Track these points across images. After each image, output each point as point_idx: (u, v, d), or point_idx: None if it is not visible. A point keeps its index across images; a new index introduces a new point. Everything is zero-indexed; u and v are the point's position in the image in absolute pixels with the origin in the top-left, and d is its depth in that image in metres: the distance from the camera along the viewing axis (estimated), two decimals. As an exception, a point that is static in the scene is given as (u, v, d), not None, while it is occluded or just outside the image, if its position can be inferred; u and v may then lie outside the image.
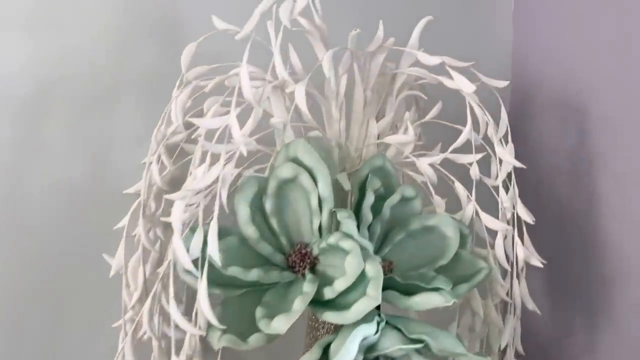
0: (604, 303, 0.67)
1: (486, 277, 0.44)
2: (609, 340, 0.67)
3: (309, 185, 0.40)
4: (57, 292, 0.50)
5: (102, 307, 0.49)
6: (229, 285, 0.39)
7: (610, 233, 0.65)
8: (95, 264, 0.47)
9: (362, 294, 0.36)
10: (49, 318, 0.50)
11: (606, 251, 0.66)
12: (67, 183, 0.50)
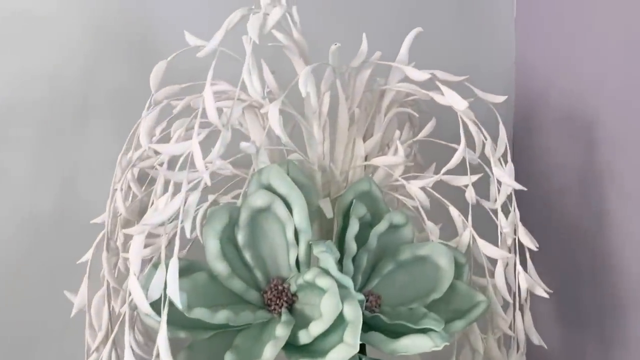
0: (617, 332, 0.63)
1: (485, 311, 0.40)
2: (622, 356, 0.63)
3: (284, 215, 0.36)
4: (17, 332, 0.47)
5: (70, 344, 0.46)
6: (196, 327, 0.35)
7: (623, 255, 0.60)
8: (60, 302, 0.44)
9: (339, 339, 0.32)
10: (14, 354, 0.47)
11: (618, 275, 0.62)
12: (32, 213, 0.47)
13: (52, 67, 0.47)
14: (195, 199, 0.33)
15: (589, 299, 0.63)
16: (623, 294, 0.61)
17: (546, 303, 0.63)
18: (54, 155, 0.47)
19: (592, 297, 0.62)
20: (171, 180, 0.35)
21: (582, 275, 0.63)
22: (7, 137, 0.46)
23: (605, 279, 0.62)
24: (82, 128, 0.48)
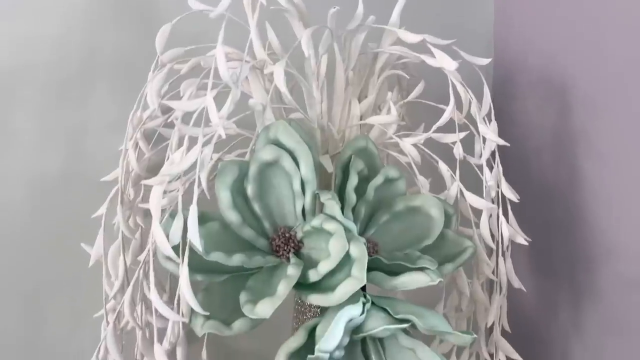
0: (587, 280, 0.68)
1: (472, 255, 0.44)
2: (594, 316, 0.68)
3: (291, 167, 0.39)
4: (36, 284, 0.49)
5: (83, 297, 0.48)
6: (212, 271, 0.38)
7: (593, 210, 0.65)
8: (74, 254, 0.46)
9: (347, 275, 0.35)
10: (29, 310, 0.49)
11: (589, 228, 0.66)
12: (42, 173, 0.48)
13: (57, 30, 0.49)
14: (209, 151, 0.36)
15: (561, 250, 0.68)
16: (593, 246, 0.66)
17: (522, 254, 0.68)
18: (60, 117, 0.49)
19: (565, 248, 0.67)
20: (186, 135, 0.37)
21: (556, 228, 0.68)
22: (15, 100, 0.47)
23: (576, 232, 0.67)
24: (86, 90, 0.50)
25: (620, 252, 0.64)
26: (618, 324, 0.66)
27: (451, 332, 0.36)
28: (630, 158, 0.61)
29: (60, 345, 0.50)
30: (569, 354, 0.70)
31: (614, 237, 0.65)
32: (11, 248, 0.48)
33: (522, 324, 0.61)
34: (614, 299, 0.66)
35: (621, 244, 0.64)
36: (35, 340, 0.49)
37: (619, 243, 0.64)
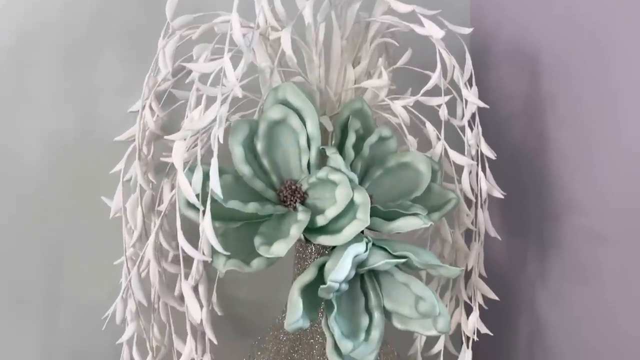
0: (552, 233, 0.74)
1: (455, 206, 0.49)
2: (558, 266, 0.75)
3: (298, 125, 0.43)
4: (55, 237, 0.52)
5: (100, 249, 0.51)
6: (227, 218, 0.42)
7: (558, 171, 0.71)
8: (90, 208, 0.50)
9: (352, 218, 0.40)
10: (50, 262, 0.52)
11: (555, 188, 0.73)
12: (57, 132, 0.51)
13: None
14: (225, 110, 0.40)
15: (529, 207, 0.74)
16: (558, 202, 0.72)
17: (494, 210, 0.74)
18: (72, 80, 0.51)
19: (532, 205, 0.74)
20: (203, 94, 0.40)
21: (525, 187, 0.74)
22: (31, 63, 0.50)
23: (543, 190, 0.73)
24: (95, 55, 0.52)
25: (582, 208, 0.71)
26: (579, 272, 0.73)
27: (442, 265, 0.41)
28: (592, 124, 0.67)
29: (80, 294, 0.53)
30: (535, 301, 0.77)
31: (577, 194, 0.71)
32: (31, 203, 0.51)
33: (493, 275, 0.67)
34: (575, 250, 0.72)
35: (583, 200, 0.71)
36: (55, 290, 0.53)
37: (581, 200, 0.71)
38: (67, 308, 0.53)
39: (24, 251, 0.51)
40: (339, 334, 0.40)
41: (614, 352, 0.69)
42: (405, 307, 0.43)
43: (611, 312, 0.69)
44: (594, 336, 0.72)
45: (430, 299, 0.41)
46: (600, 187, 0.68)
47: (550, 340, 0.76)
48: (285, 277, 0.57)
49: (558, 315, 0.75)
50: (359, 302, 0.43)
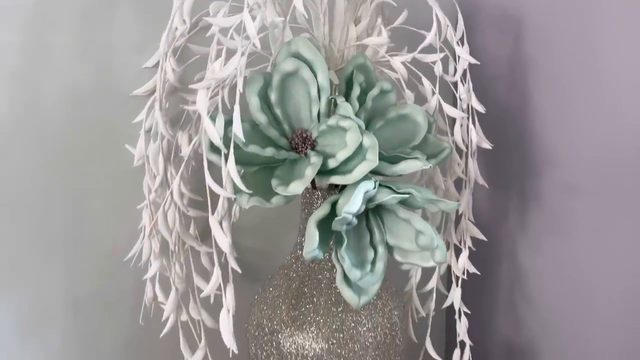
0: (533, 187, 0.80)
1: (449, 154, 0.54)
2: (537, 219, 0.81)
3: (309, 77, 0.47)
4: (78, 186, 0.55)
5: (121, 196, 0.55)
6: (245, 163, 0.46)
7: (539, 130, 0.77)
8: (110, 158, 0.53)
9: (361, 159, 0.44)
10: (74, 208, 0.55)
11: (535, 144, 0.78)
12: (77, 86, 0.54)
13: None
14: (244, 61, 0.43)
15: (513, 163, 0.79)
16: (539, 159, 0.78)
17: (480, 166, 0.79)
18: (91, 38, 0.54)
19: (516, 161, 0.79)
20: (223, 47, 0.44)
21: (509, 144, 0.80)
22: (51, 20, 0.52)
23: (525, 147, 0.78)
24: (113, 10, 0.55)
25: (560, 162, 0.76)
26: (556, 223, 0.79)
27: (441, 200, 0.46)
28: (572, 85, 0.72)
29: (102, 238, 0.57)
30: (515, 251, 0.83)
31: (555, 150, 0.77)
32: (55, 152, 0.54)
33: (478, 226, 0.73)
34: (554, 203, 0.78)
35: (561, 156, 0.76)
36: (79, 234, 0.56)
37: (560, 155, 0.77)
38: (91, 250, 0.56)
39: (49, 197, 0.54)
40: (349, 265, 0.45)
41: (586, 296, 0.76)
42: (406, 241, 0.48)
43: (584, 260, 0.76)
44: (568, 282, 0.78)
45: (429, 232, 0.46)
46: (577, 144, 0.74)
47: (529, 287, 0.82)
48: (288, 227, 0.62)
49: (536, 263, 0.81)
50: (364, 238, 0.48)
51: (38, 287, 0.55)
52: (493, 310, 0.87)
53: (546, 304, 0.82)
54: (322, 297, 0.52)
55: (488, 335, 0.87)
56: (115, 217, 0.56)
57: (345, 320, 0.51)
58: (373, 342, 0.52)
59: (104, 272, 0.57)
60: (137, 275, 0.56)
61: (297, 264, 0.55)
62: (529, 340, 0.83)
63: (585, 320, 0.77)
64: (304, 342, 0.51)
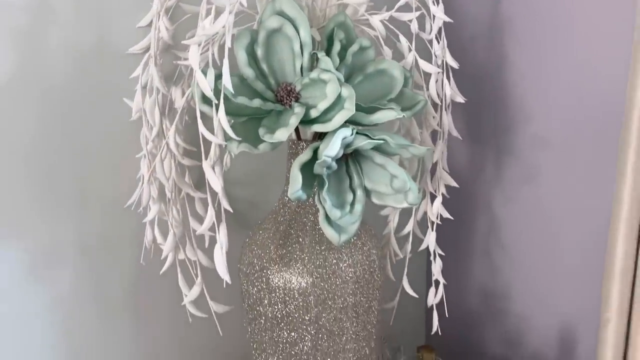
0: (508, 140, 0.85)
1: (424, 106, 0.58)
2: (512, 170, 0.86)
3: (293, 33, 0.51)
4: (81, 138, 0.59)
5: (120, 147, 0.59)
6: (235, 114, 0.50)
7: (515, 87, 0.81)
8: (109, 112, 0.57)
9: (340, 108, 0.48)
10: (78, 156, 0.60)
11: (511, 100, 0.83)
12: (76, 45, 0.57)
13: None
14: (232, 19, 0.47)
15: (489, 119, 0.84)
16: (513, 114, 0.82)
17: (458, 124, 0.84)
18: None
19: (492, 117, 0.84)
20: (212, 6, 0.48)
21: (486, 102, 0.84)
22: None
23: (501, 104, 0.83)
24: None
25: (533, 118, 0.81)
26: (529, 175, 0.84)
27: (412, 145, 0.51)
28: (546, 43, 0.76)
29: (104, 186, 0.62)
30: (491, 202, 0.89)
31: (529, 106, 0.81)
32: (59, 106, 0.58)
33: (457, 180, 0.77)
34: (527, 155, 0.83)
35: (534, 112, 0.81)
36: (84, 183, 0.61)
37: (533, 111, 0.81)
38: (95, 198, 0.61)
39: (56, 149, 0.59)
40: (330, 205, 0.50)
41: (552, 241, 0.81)
42: (381, 185, 0.53)
43: (552, 207, 0.81)
44: (537, 229, 0.84)
45: (402, 176, 0.51)
46: (549, 100, 0.79)
47: (503, 234, 0.88)
48: (276, 178, 0.66)
49: (510, 212, 0.87)
50: (344, 182, 0.53)
51: (48, 232, 0.60)
52: (470, 257, 0.93)
53: (517, 249, 0.88)
54: (307, 238, 0.57)
55: (465, 281, 0.93)
56: (116, 167, 0.61)
57: (327, 257, 0.57)
58: (353, 276, 0.57)
59: (108, 218, 0.62)
60: (138, 220, 0.61)
61: (285, 209, 0.60)
62: (502, 284, 0.89)
63: (552, 263, 0.83)
64: (290, 277, 0.56)
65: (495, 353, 0.90)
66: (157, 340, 0.68)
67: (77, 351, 0.63)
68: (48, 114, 0.57)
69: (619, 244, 0.67)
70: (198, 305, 0.57)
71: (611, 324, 0.69)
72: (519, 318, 0.87)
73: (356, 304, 0.58)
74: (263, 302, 0.58)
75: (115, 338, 0.65)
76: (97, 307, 0.64)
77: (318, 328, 0.57)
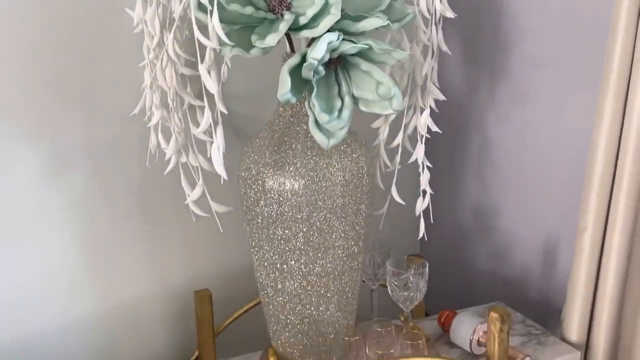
0: (501, 61, 0.87)
1: (413, 19, 0.61)
2: (505, 90, 0.88)
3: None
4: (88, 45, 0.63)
5: (123, 57, 0.63)
6: (229, 22, 0.54)
7: (509, 3, 0.82)
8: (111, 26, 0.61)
9: (327, 14, 0.51)
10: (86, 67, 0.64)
11: (508, 19, 0.84)
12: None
13: None
14: None
15: (485, 39, 0.86)
16: (510, 35, 0.84)
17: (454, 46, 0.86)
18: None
19: (488, 37, 0.85)
20: None
21: (482, 21, 0.85)
22: None
23: (498, 24, 0.84)
24: None
25: (528, 36, 0.83)
26: (522, 95, 0.86)
27: (395, 49, 0.54)
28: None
29: (111, 95, 0.66)
30: (484, 121, 0.92)
31: (524, 24, 0.83)
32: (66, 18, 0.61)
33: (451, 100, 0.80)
34: (521, 75, 0.86)
35: (529, 29, 0.82)
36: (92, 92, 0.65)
37: (528, 29, 0.83)
38: (102, 107, 0.66)
39: (63, 61, 0.63)
40: (318, 110, 0.54)
41: (541, 159, 0.85)
42: (368, 92, 0.56)
43: (543, 126, 0.84)
44: (528, 147, 0.87)
45: (387, 82, 0.55)
46: (543, 18, 0.80)
47: (495, 153, 0.92)
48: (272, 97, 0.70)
49: (502, 131, 0.90)
50: (333, 89, 0.56)
51: (60, 137, 0.65)
52: (463, 175, 0.96)
53: (508, 168, 0.91)
54: (300, 144, 0.62)
55: (457, 198, 0.98)
56: (122, 77, 0.65)
57: (318, 162, 0.61)
58: (342, 180, 0.62)
59: (115, 126, 0.67)
60: (143, 128, 0.66)
61: (279, 119, 0.64)
62: (493, 201, 0.93)
63: (540, 181, 0.87)
64: (284, 180, 0.61)
65: (484, 268, 0.96)
66: (164, 238, 0.75)
67: (93, 247, 0.71)
68: (56, 24, 0.61)
69: (599, 157, 0.71)
70: (201, 207, 0.63)
71: (587, 232, 0.73)
72: (506, 233, 0.92)
73: (345, 205, 0.63)
74: (259, 204, 0.63)
75: (126, 236, 0.72)
76: (108, 208, 0.70)
77: (309, 226, 0.62)
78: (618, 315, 0.72)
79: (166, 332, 0.77)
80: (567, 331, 0.76)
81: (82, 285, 0.71)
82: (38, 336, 0.69)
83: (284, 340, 0.68)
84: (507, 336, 0.66)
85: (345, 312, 0.68)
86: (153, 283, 0.75)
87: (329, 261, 0.64)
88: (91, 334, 0.72)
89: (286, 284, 0.65)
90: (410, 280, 0.69)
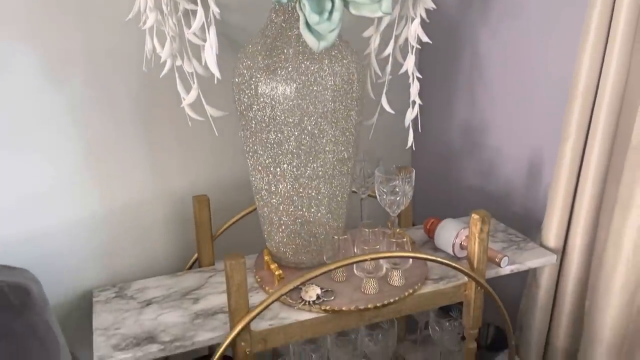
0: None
1: None
2: (498, 5, 0.88)
3: None
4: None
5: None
6: None
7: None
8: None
9: None
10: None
11: None
12: None
13: None
14: None
15: None
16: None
17: None
18: None
19: None
20: None
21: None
22: None
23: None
24: None
25: None
26: (515, 9, 0.87)
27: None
28: None
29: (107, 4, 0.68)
30: (476, 38, 0.92)
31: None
32: None
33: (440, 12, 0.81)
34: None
35: None
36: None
37: None
38: (98, 13, 0.67)
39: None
40: (309, 10, 0.55)
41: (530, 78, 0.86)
42: (358, -5, 0.57)
43: (533, 43, 0.85)
44: (517, 65, 0.88)
45: (376, -16, 0.56)
46: None
47: (485, 71, 0.93)
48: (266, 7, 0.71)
49: (493, 48, 0.91)
50: (324, -8, 0.57)
51: (59, 40, 0.67)
52: (454, 91, 0.98)
53: (497, 85, 0.93)
54: (291, 49, 0.63)
55: (448, 116, 1.00)
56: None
57: (309, 67, 0.63)
58: (332, 85, 0.64)
59: (111, 31, 0.69)
60: (138, 34, 0.67)
61: (272, 25, 0.65)
62: (481, 119, 0.96)
63: (529, 98, 0.88)
64: (276, 85, 0.63)
65: (471, 183, 0.99)
66: (163, 142, 0.78)
67: (94, 150, 0.74)
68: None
69: (584, 67, 0.72)
70: (196, 111, 0.65)
71: (569, 141, 0.76)
72: (494, 150, 0.95)
73: (335, 111, 0.65)
74: (253, 108, 0.65)
75: (124, 139, 0.75)
76: (107, 110, 0.73)
77: (301, 130, 0.65)
78: (594, 222, 0.77)
79: (167, 234, 0.82)
80: (546, 238, 0.81)
81: (84, 187, 0.75)
82: (42, 236, 0.73)
83: (278, 240, 0.72)
84: (487, 236, 0.70)
85: (336, 214, 0.72)
86: (154, 186, 0.79)
87: (319, 165, 0.67)
88: (94, 233, 0.77)
89: (279, 187, 0.68)
90: (398, 185, 0.72)
